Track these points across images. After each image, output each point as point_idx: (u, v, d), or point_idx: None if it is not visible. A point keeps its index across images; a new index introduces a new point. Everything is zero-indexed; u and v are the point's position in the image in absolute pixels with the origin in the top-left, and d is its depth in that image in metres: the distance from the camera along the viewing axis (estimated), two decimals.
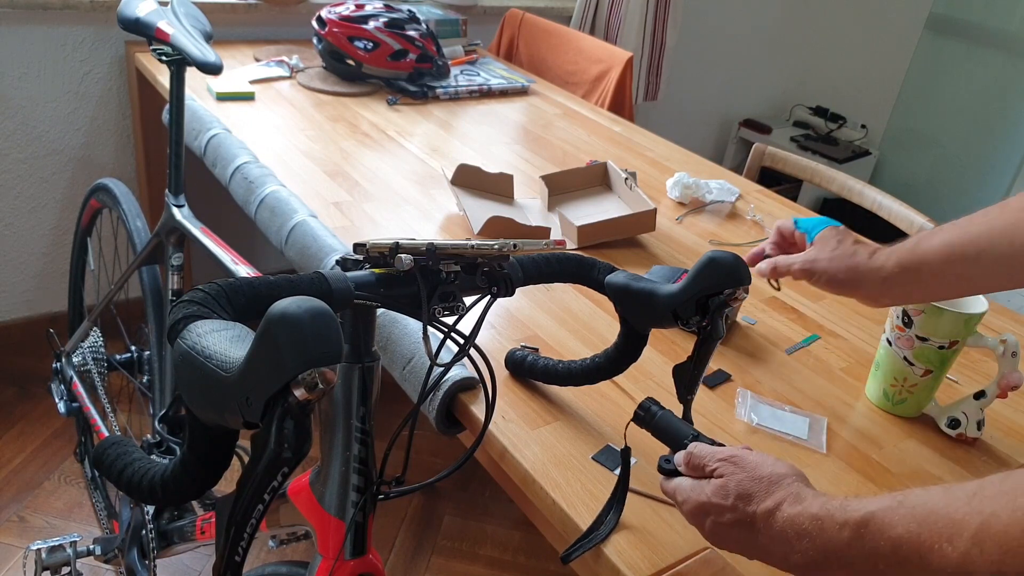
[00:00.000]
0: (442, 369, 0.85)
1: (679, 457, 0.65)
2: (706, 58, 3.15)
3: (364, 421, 0.68)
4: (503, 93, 1.99)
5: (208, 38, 1.23)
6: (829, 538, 0.52)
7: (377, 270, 0.63)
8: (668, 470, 0.66)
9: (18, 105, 1.92)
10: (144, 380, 1.48)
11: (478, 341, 0.67)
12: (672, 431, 0.68)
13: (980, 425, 0.90)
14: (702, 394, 0.93)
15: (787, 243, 0.94)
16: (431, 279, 0.64)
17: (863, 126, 3.57)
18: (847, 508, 0.53)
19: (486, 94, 1.96)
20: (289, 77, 1.86)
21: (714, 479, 0.60)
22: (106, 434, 1.42)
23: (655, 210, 1.26)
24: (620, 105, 2.12)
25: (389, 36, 1.84)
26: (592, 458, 0.80)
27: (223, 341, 0.50)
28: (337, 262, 0.66)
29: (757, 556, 0.58)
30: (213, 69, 1.15)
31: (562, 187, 1.38)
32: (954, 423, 0.90)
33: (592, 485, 0.77)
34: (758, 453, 0.60)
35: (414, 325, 0.93)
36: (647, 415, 0.70)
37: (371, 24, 1.84)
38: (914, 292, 0.82)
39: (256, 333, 0.48)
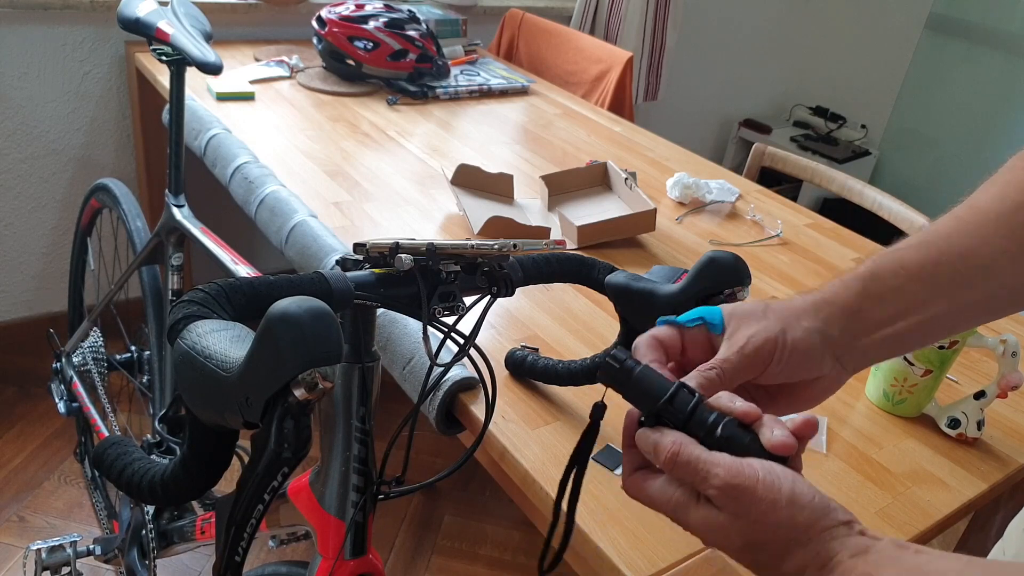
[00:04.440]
0: (442, 369, 0.85)
1: (650, 443, 0.47)
2: (706, 58, 3.15)
3: (364, 421, 0.68)
4: (503, 93, 1.99)
5: (208, 38, 1.23)
6: None
7: (377, 270, 0.63)
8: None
9: (18, 105, 1.92)
10: (144, 380, 1.48)
11: (478, 341, 0.67)
12: (655, 391, 0.48)
13: (980, 425, 0.90)
14: None
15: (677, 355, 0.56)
16: (431, 279, 0.64)
17: (863, 126, 3.57)
18: None
19: (486, 94, 1.96)
20: (289, 77, 1.86)
21: (712, 507, 0.44)
22: (106, 434, 1.42)
23: (655, 210, 1.26)
24: (620, 105, 2.12)
25: (389, 36, 1.84)
26: (593, 458, 0.80)
27: (223, 341, 0.50)
28: (337, 262, 0.66)
29: None
30: (213, 69, 1.15)
31: (562, 187, 1.38)
32: (954, 423, 0.90)
33: (592, 485, 0.77)
34: (770, 478, 0.42)
35: (414, 325, 0.93)
36: (621, 369, 0.49)
37: (371, 24, 1.84)
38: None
39: (256, 333, 0.48)
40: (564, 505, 0.55)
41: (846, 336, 0.53)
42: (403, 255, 0.60)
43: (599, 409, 0.53)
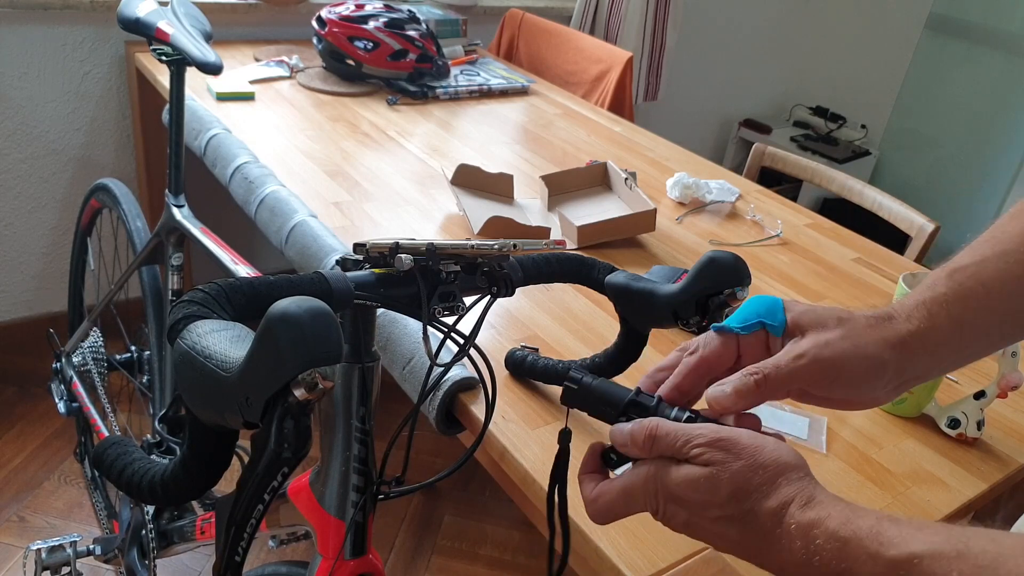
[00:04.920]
0: (442, 369, 0.85)
1: (625, 433, 0.49)
2: (706, 58, 3.15)
3: (364, 421, 0.68)
4: (503, 93, 1.99)
5: (208, 38, 1.23)
6: (851, 568, 0.41)
7: (377, 270, 0.63)
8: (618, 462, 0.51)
9: (18, 105, 1.92)
10: (144, 380, 1.48)
11: (478, 341, 0.67)
12: (618, 396, 0.52)
13: (980, 425, 0.90)
14: None
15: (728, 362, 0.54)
16: (431, 279, 0.64)
17: (863, 126, 3.57)
18: (882, 536, 0.40)
19: (486, 94, 1.96)
20: (289, 77, 1.86)
21: (695, 466, 0.45)
22: (106, 434, 1.42)
23: (655, 210, 1.26)
24: (620, 105, 2.12)
25: (389, 36, 1.84)
26: None
27: (223, 341, 0.50)
28: (337, 262, 0.66)
29: (746, 557, 0.46)
30: (213, 69, 1.15)
31: (562, 187, 1.38)
32: (954, 423, 0.90)
33: None
34: (751, 433, 0.46)
35: (414, 325, 0.93)
36: (579, 388, 0.53)
37: (371, 24, 1.84)
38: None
39: (256, 333, 0.48)
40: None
41: (921, 370, 0.53)
42: (403, 255, 0.60)
43: (566, 435, 0.57)
